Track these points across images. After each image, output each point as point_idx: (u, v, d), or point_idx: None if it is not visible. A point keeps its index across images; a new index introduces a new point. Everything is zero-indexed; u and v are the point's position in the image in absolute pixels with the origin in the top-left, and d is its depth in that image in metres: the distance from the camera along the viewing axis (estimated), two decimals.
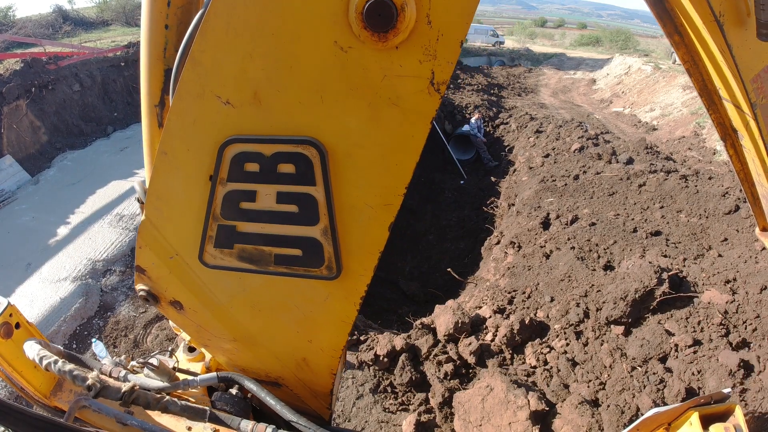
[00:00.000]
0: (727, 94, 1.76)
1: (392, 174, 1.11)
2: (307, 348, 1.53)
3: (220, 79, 0.98)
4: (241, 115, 1.02)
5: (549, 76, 26.84)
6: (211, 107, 1.01)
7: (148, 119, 1.24)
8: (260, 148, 1.06)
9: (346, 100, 0.98)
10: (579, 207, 6.61)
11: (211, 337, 1.56)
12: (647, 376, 3.58)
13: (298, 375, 1.63)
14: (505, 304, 4.99)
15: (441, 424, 3.91)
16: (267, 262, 1.29)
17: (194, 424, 1.54)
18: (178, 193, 1.20)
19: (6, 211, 6.89)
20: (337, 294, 1.34)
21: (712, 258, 4.75)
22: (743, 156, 2.06)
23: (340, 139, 1.04)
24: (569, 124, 11.50)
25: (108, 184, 7.50)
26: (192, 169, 1.13)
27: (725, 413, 1.28)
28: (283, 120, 1.01)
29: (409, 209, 11.46)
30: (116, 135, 9.90)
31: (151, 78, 1.13)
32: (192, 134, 1.07)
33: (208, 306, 1.44)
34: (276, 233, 1.21)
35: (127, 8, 20.85)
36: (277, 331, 1.50)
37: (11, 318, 1.63)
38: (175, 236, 1.29)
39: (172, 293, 1.42)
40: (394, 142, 1.05)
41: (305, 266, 1.27)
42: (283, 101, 0.99)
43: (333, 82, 0.95)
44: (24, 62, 9.35)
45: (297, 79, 0.96)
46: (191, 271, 1.34)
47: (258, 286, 1.36)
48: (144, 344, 4.97)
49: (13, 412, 1.10)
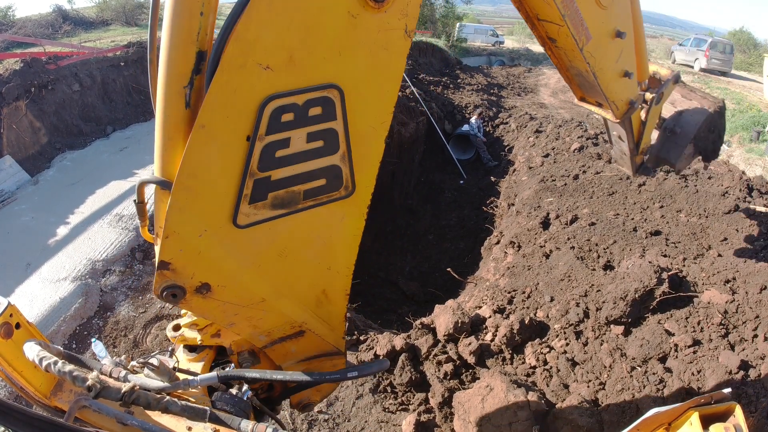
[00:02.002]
0: (544, 14, 2.44)
1: (385, 98, 1.51)
2: (326, 277, 1.79)
3: (261, 50, 1.21)
4: (278, 77, 1.27)
5: (549, 75, 26.82)
6: (252, 74, 1.23)
7: (171, 103, 1.26)
8: (294, 99, 1.32)
9: (356, 51, 1.36)
10: (579, 207, 6.61)
11: (237, 309, 1.63)
12: (647, 376, 3.58)
13: (319, 312, 1.85)
14: (504, 303, 4.99)
15: (441, 423, 3.91)
16: (296, 201, 1.50)
17: (194, 424, 1.54)
18: (213, 163, 1.32)
19: (5, 212, 6.89)
20: (351, 210, 1.65)
21: (712, 258, 4.75)
22: (558, 55, 2.80)
23: (352, 80, 1.39)
24: (569, 123, 11.50)
25: (108, 184, 7.50)
26: (230, 135, 1.30)
27: (725, 413, 1.28)
28: (312, 74, 1.33)
29: (409, 209, 11.46)
30: (116, 135, 9.88)
31: (180, 61, 1.19)
32: (232, 102, 1.25)
33: (238, 272, 1.54)
34: (305, 170, 1.46)
35: (127, 8, 20.81)
36: (302, 270, 1.71)
37: (11, 318, 1.63)
38: (205, 211, 1.39)
39: (199, 276, 1.47)
40: (385, 75, 1.46)
41: (328, 192, 1.55)
42: (312, 59, 1.30)
43: (347, 39, 1.32)
44: (24, 62, 9.33)
45: (322, 41, 1.29)
46: (221, 241, 1.45)
47: (285, 230, 1.55)
48: (144, 344, 4.97)
49: (13, 412, 1.10)
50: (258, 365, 2.01)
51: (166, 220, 1.34)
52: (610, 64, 2.75)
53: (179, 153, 1.31)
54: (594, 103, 3.17)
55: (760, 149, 10.67)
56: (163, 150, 1.35)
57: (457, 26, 34.32)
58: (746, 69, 27.02)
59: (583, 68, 2.71)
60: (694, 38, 24.56)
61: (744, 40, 33.01)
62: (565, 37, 2.49)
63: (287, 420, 4.00)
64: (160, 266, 1.39)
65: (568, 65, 2.88)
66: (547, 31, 2.59)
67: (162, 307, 5.43)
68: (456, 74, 20.90)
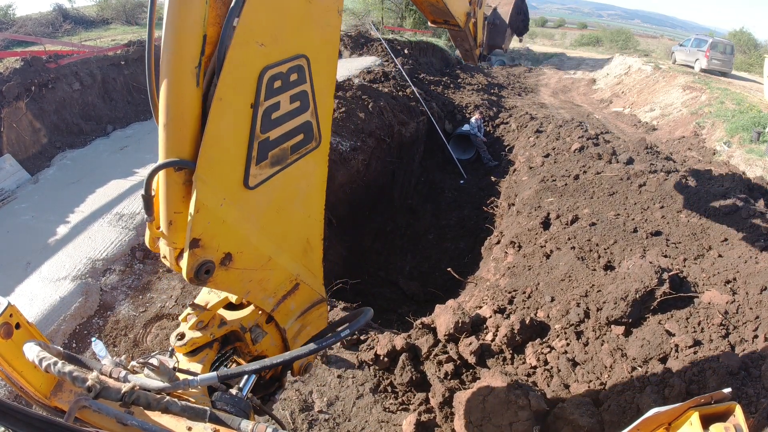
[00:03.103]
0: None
1: (332, 63, 1.85)
2: (308, 226, 2.02)
3: (257, 31, 1.48)
4: (269, 51, 1.54)
5: (549, 75, 26.83)
6: (252, 50, 1.49)
7: (184, 84, 1.39)
8: (280, 69, 1.59)
9: (313, 27, 1.70)
10: (579, 207, 6.61)
11: (251, 274, 1.78)
12: (647, 376, 3.58)
13: (305, 262, 2.06)
14: (505, 303, 4.99)
15: (441, 423, 3.91)
16: (286, 157, 1.74)
17: (194, 424, 1.53)
18: (229, 131, 1.50)
19: (5, 210, 6.88)
20: (319, 159, 1.92)
21: (713, 258, 4.75)
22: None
23: (313, 50, 1.72)
24: (569, 123, 11.50)
25: (108, 183, 7.48)
26: (240, 104, 1.51)
27: (725, 413, 1.27)
28: (289, 47, 1.62)
29: (409, 209, 11.46)
30: (116, 134, 9.86)
31: (191, 45, 1.38)
32: (240, 75, 1.47)
33: (250, 235, 1.70)
34: (290, 128, 1.72)
35: (127, 7, 20.81)
36: (292, 223, 1.92)
37: (11, 318, 1.62)
38: (224, 178, 1.54)
39: (223, 247, 1.60)
40: (331, 44, 1.82)
41: (306, 145, 1.81)
42: (288, 35, 1.61)
43: (307, 18, 1.66)
44: (24, 61, 9.31)
45: (292, 21, 1.61)
46: (238, 206, 1.61)
47: (279, 186, 1.76)
48: (144, 344, 4.97)
49: (13, 412, 1.09)
50: (267, 336, 2.12)
51: (196, 194, 1.45)
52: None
53: (191, 131, 1.44)
54: (442, 21, 4.29)
55: (761, 150, 10.67)
56: (174, 132, 1.44)
57: None
58: (746, 69, 27.01)
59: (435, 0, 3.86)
60: (694, 39, 24.51)
61: (744, 41, 33.01)
62: None
63: (287, 420, 4.00)
64: (191, 245, 1.48)
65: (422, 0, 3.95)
66: None
67: (162, 307, 5.43)
68: (456, 74, 20.89)
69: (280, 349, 2.24)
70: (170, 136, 1.44)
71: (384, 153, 11.25)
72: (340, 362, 4.64)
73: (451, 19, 4.08)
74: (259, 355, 2.16)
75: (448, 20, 4.13)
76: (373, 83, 13.14)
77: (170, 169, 1.46)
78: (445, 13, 3.95)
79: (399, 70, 14.83)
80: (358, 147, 9.77)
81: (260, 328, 2.11)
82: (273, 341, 2.18)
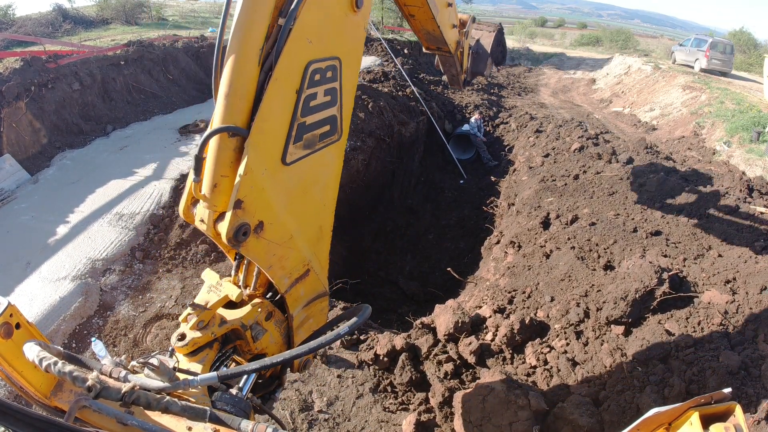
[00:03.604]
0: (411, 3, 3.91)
1: (356, 67, 2.15)
2: (322, 213, 2.22)
3: (308, 30, 1.78)
4: (315, 48, 1.84)
5: (549, 75, 26.82)
6: (303, 44, 1.79)
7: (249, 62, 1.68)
8: (321, 65, 1.88)
9: (346, 35, 2.01)
10: (579, 207, 6.61)
11: (275, 249, 1.95)
12: (647, 376, 3.58)
13: (316, 249, 2.23)
14: (505, 303, 4.99)
15: (441, 423, 3.91)
16: (315, 143, 1.97)
17: (194, 424, 1.53)
18: (278, 109, 1.76)
19: (5, 210, 6.88)
20: (338, 152, 2.17)
21: (713, 258, 4.75)
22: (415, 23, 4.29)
23: (344, 54, 2.02)
24: (569, 123, 11.50)
25: (107, 183, 7.48)
26: (289, 88, 1.78)
27: (725, 413, 1.27)
28: (328, 48, 1.92)
29: (409, 208, 11.46)
30: (116, 134, 9.85)
31: (259, 31, 1.68)
32: (293, 63, 1.77)
33: (280, 210, 1.89)
34: (321, 118, 1.97)
35: (127, 7, 20.79)
36: (311, 207, 2.12)
37: (11, 318, 1.62)
38: (268, 150, 1.77)
39: (258, 215, 1.79)
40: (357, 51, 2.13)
41: (330, 137, 2.06)
42: (330, 39, 1.92)
43: (343, 27, 1.98)
44: (24, 61, 9.31)
45: (333, 27, 1.93)
46: (274, 178, 1.82)
47: (306, 169, 1.98)
48: (144, 343, 4.97)
49: (13, 412, 1.09)
50: (267, 334, 2.15)
51: (247, 158, 1.67)
52: (447, 22, 4.41)
53: (248, 103, 1.70)
54: (435, 48, 4.85)
55: (761, 150, 10.66)
56: (234, 102, 1.69)
57: None
58: (746, 69, 26.98)
59: (432, 28, 4.33)
60: (694, 38, 24.47)
61: (744, 41, 32.96)
62: (423, 13, 4.00)
63: (287, 420, 4.00)
64: (235, 206, 1.67)
65: (420, 28, 4.38)
66: (410, 11, 4.08)
67: (162, 307, 5.43)
68: None
69: (280, 347, 2.27)
70: (229, 106, 1.68)
71: (384, 153, 11.25)
72: (340, 362, 4.64)
73: (443, 46, 4.69)
74: (259, 353, 2.17)
75: (441, 47, 4.76)
76: (373, 83, 13.14)
77: (224, 135, 1.67)
78: (439, 40, 4.58)
79: (399, 70, 14.82)
80: (358, 147, 9.77)
81: (260, 326, 2.12)
82: (272, 338, 2.20)
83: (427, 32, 4.41)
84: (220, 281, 2.08)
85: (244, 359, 2.12)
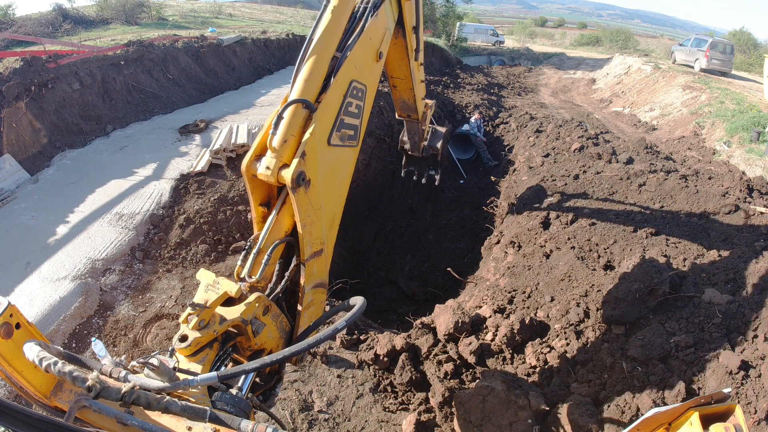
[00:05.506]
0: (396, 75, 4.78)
1: (373, 94, 2.90)
2: (337, 204, 2.68)
3: (355, 59, 2.62)
4: (357, 72, 2.63)
5: (549, 75, 26.83)
6: (352, 67, 2.58)
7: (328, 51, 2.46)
8: (358, 84, 2.64)
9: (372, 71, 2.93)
10: (579, 206, 6.60)
11: (311, 211, 2.34)
12: (647, 376, 3.58)
13: (328, 236, 2.59)
14: (505, 303, 4.99)
15: (441, 423, 3.91)
16: (344, 139, 2.58)
17: (194, 424, 1.53)
18: (335, 98, 2.46)
19: (5, 210, 6.87)
20: (354, 156, 2.76)
21: (712, 258, 4.75)
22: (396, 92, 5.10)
23: (369, 83, 2.80)
24: (569, 123, 11.50)
25: (107, 183, 7.47)
26: (341, 89, 2.51)
27: (725, 413, 1.27)
28: (363, 76, 2.72)
29: (409, 208, 11.46)
30: (116, 134, 9.84)
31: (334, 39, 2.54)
32: (344, 75, 2.52)
33: (319, 179, 2.34)
34: (350, 123, 2.61)
35: (127, 6, 20.76)
36: (333, 192, 2.58)
37: (11, 318, 1.62)
38: (323, 125, 2.36)
39: (311, 172, 2.25)
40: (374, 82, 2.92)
41: (351, 141, 2.67)
42: (365, 70, 2.75)
43: (371, 65, 2.92)
44: (24, 60, 9.30)
45: (366, 63, 2.78)
46: (321, 151, 2.35)
47: (336, 158, 2.54)
48: (144, 343, 4.96)
49: (13, 412, 1.09)
50: (266, 328, 2.20)
51: (314, 125, 2.25)
52: (420, 94, 5.29)
53: (319, 86, 2.37)
54: (405, 116, 5.80)
55: (761, 150, 10.65)
56: (311, 82, 2.33)
57: (457, 26, 34.29)
58: (746, 69, 26.99)
59: (408, 98, 5.20)
60: (694, 38, 24.46)
61: (744, 41, 32.96)
62: (405, 84, 4.84)
63: (287, 420, 4.00)
64: (301, 155, 2.16)
65: (399, 98, 5.23)
66: (395, 82, 4.87)
67: (162, 307, 5.43)
68: (456, 74, 20.88)
69: (278, 341, 2.30)
70: (308, 84, 2.32)
71: (384, 153, 11.25)
72: (340, 362, 4.64)
73: (413, 114, 5.66)
74: (258, 350, 2.18)
75: (411, 114, 5.70)
76: None
77: (299, 105, 2.24)
78: (411, 108, 5.52)
79: None
80: None
81: (259, 321, 2.15)
82: (271, 333, 2.23)
83: (404, 101, 5.31)
84: (216, 279, 2.08)
85: (243, 357, 2.13)
